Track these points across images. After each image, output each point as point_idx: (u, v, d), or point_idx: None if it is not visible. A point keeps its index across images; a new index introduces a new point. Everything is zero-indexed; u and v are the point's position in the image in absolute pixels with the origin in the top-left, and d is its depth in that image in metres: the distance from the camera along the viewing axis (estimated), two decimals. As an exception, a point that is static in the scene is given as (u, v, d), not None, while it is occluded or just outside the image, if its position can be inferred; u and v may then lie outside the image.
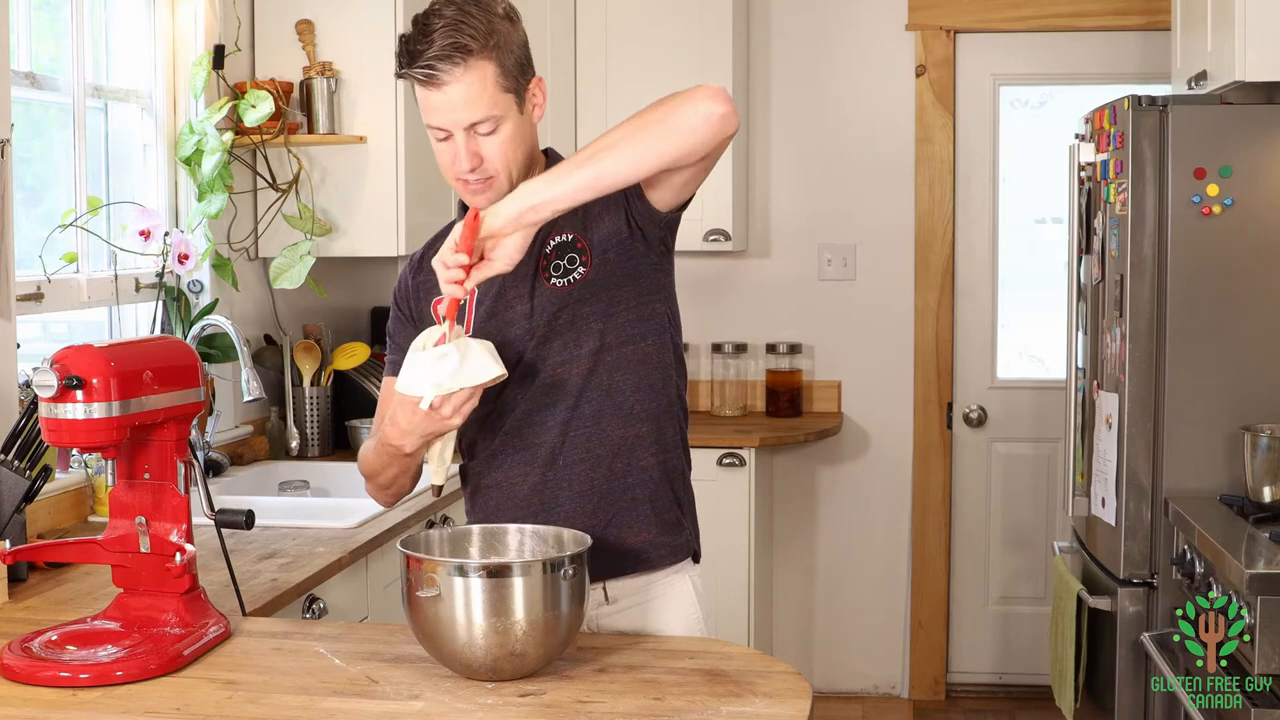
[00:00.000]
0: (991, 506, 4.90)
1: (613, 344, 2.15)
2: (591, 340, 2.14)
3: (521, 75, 2.09)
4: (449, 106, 2.04)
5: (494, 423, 2.19)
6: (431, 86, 2.03)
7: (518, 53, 2.09)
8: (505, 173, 2.09)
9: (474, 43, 2.02)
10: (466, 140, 2.06)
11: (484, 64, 2.03)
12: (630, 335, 2.16)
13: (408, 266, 2.31)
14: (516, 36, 2.09)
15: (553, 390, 2.15)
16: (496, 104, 2.05)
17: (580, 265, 2.14)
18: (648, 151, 1.97)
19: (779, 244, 4.91)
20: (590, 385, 2.14)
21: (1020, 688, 4.89)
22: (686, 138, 1.98)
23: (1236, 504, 3.16)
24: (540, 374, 2.15)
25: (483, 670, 1.88)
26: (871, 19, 4.81)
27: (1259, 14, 3.33)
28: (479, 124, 2.05)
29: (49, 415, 1.99)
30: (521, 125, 2.10)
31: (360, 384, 4.02)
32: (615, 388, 2.15)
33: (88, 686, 1.90)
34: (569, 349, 2.14)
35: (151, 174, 3.57)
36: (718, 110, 1.98)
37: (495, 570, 1.87)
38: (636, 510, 2.17)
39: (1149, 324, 3.35)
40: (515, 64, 2.07)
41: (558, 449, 2.15)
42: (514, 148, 2.09)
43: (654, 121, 1.98)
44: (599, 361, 2.14)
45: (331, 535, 2.88)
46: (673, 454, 2.21)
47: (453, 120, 2.05)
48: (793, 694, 1.85)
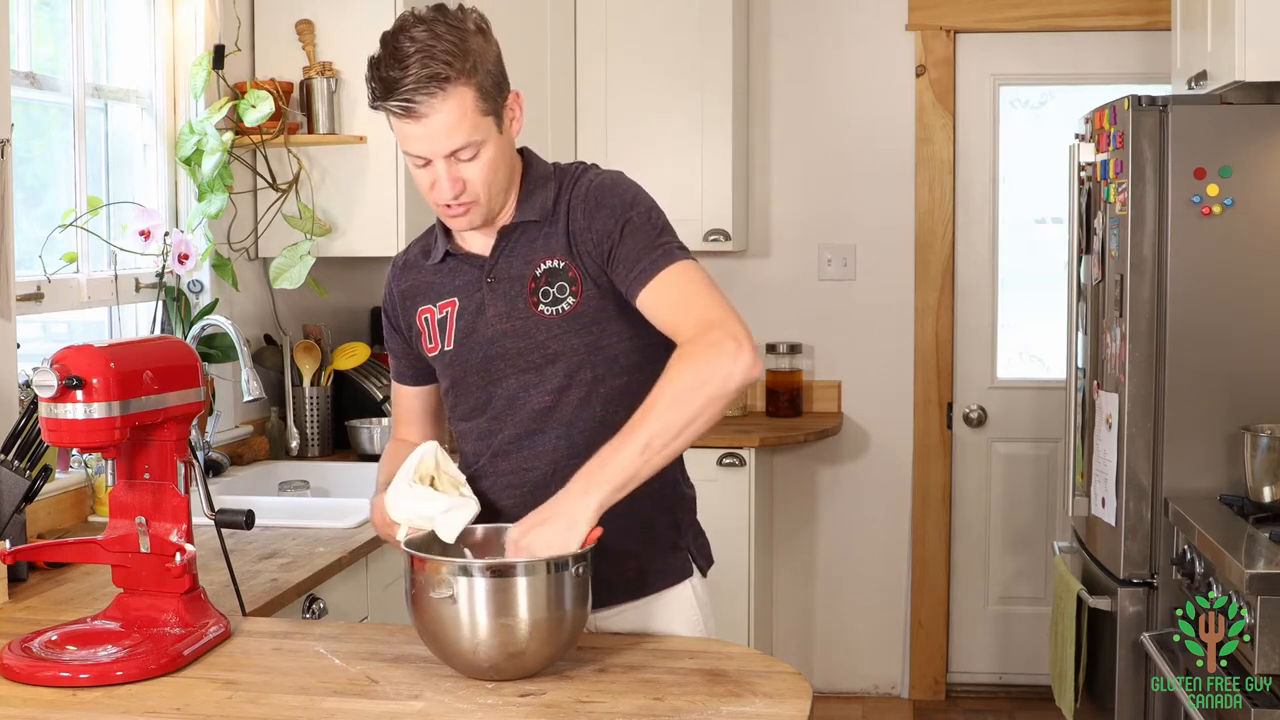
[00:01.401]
0: (991, 506, 4.90)
1: (605, 376, 2.11)
2: (584, 372, 2.10)
3: (499, 94, 2.04)
4: (428, 136, 2.00)
5: (487, 441, 2.17)
6: (409, 119, 1.99)
7: (493, 70, 2.04)
8: (486, 195, 2.07)
9: (449, 69, 1.96)
10: (448, 168, 2.03)
11: (462, 90, 1.98)
12: (624, 366, 2.12)
13: (391, 272, 2.28)
14: (490, 51, 2.04)
15: (543, 418, 2.12)
16: (477, 129, 2.01)
17: (570, 295, 2.09)
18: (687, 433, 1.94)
19: (779, 244, 4.91)
20: (581, 416, 2.11)
21: (1020, 688, 4.89)
22: (720, 407, 1.95)
23: (1236, 504, 3.16)
24: (530, 401, 2.12)
25: (486, 670, 1.88)
26: (871, 19, 4.81)
27: (1259, 14, 3.33)
28: (460, 150, 2.02)
29: (49, 415, 1.99)
30: (501, 145, 2.06)
31: (360, 384, 4.02)
32: (608, 419, 2.08)
33: (88, 686, 1.90)
34: (559, 379, 2.11)
35: (151, 174, 3.57)
36: (750, 378, 1.95)
37: (499, 570, 1.87)
38: (629, 539, 2.10)
39: (1149, 324, 3.35)
40: (492, 84, 2.03)
41: (549, 477, 2.10)
42: (494, 170, 2.06)
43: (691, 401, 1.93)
44: (591, 393, 2.11)
45: (331, 535, 2.88)
46: (669, 482, 2.17)
47: (432, 150, 2.01)
48: (793, 694, 1.85)
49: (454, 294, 2.17)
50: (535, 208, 2.13)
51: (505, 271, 2.13)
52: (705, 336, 1.95)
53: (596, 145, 4.56)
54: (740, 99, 4.68)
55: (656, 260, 2.03)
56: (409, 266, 2.24)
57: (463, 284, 2.16)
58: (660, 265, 2.03)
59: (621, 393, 2.11)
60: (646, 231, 2.06)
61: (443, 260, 2.19)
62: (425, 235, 2.26)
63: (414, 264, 2.24)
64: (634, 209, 2.08)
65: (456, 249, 2.18)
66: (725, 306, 2.00)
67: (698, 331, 1.96)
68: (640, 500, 1.99)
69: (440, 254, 2.18)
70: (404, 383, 2.32)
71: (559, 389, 2.11)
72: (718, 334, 1.95)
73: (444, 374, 2.21)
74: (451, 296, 2.17)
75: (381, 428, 3.85)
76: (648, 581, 2.18)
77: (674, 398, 1.93)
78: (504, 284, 2.12)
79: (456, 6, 2.06)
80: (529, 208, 2.13)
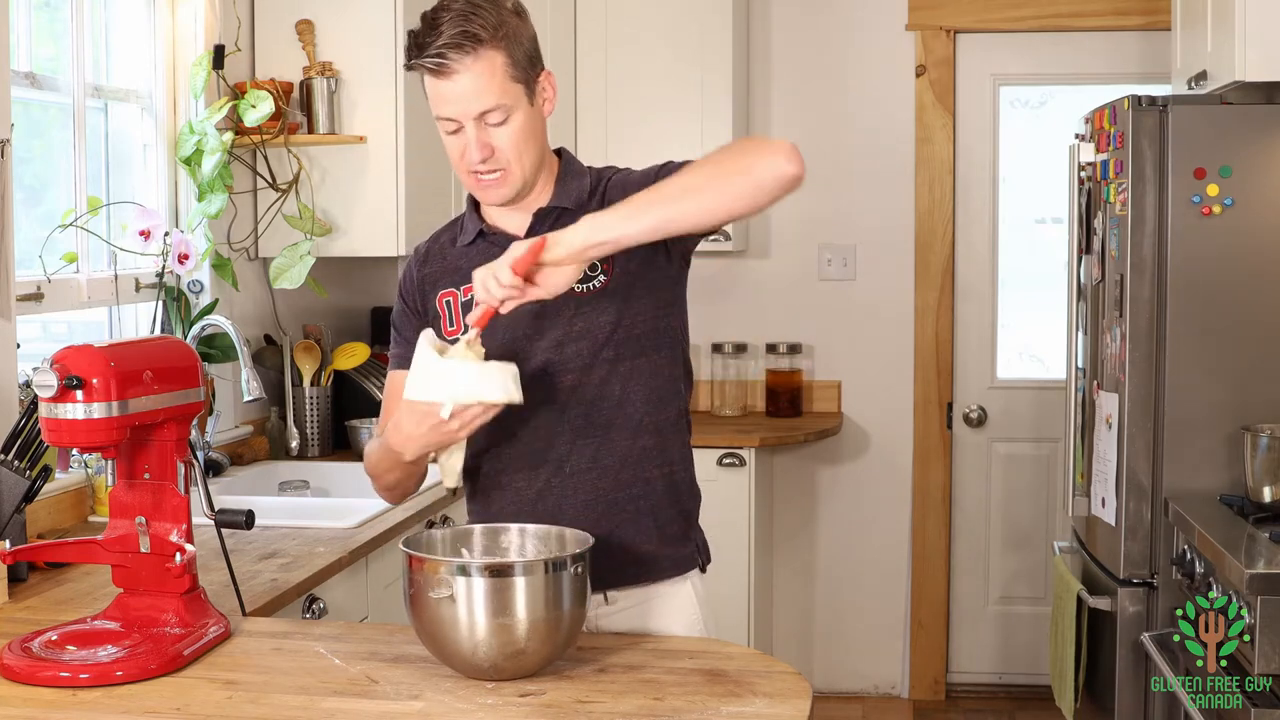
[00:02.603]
0: (991, 506, 4.90)
1: (627, 355, 2.13)
2: (607, 350, 2.12)
3: (531, 67, 2.09)
4: (459, 96, 2.03)
5: (503, 424, 2.17)
6: (441, 76, 2.03)
7: (527, 45, 2.09)
8: (518, 165, 2.09)
9: (484, 32, 2.01)
10: (477, 131, 2.05)
11: (493, 53, 2.02)
12: (645, 347, 2.15)
13: (413, 259, 2.29)
14: (526, 30, 2.09)
15: (564, 396, 2.13)
16: (506, 93, 2.04)
17: (601, 274, 2.12)
18: (721, 201, 1.95)
19: (779, 244, 4.91)
20: (603, 395, 2.13)
21: (1020, 688, 4.89)
22: (758, 195, 1.96)
23: (1236, 504, 3.16)
24: (552, 379, 2.13)
25: (484, 670, 1.88)
26: (871, 19, 4.81)
27: (1259, 14, 3.33)
28: (489, 113, 2.04)
29: (49, 415, 1.99)
30: (532, 117, 2.09)
31: (360, 384, 4.02)
32: (626, 399, 2.13)
33: (88, 686, 1.90)
34: (583, 357, 2.12)
35: (151, 174, 3.57)
36: (792, 172, 1.95)
37: (497, 570, 1.87)
38: (640, 522, 2.15)
39: (1149, 324, 3.35)
40: (525, 55, 2.07)
41: (565, 456, 2.13)
42: (525, 139, 2.08)
43: (731, 171, 1.96)
44: (613, 371, 2.13)
45: (331, 535, 2.88)
46: (679, 467, 2.20)
47: (463, 110, 2.04)
48: (793, 694, 1.85)
49: None
50: (571, 196, 2.16)
51: None
52: (758, 137, 2.00)
53: (596, 143, 4.56)
54: (740, 98, 4.68)
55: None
56: (433, 254, 2.25)
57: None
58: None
59: (641, 373, 2.14)
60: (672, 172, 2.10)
61: (473, 242, 2.19)
62: (451, 225, 2.27)
63: (439, 251, 2.24)
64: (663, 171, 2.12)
65: (490, 227, 2.18)
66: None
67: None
68: (654, 489, 2.07)
69: (472, 234, 2.19)
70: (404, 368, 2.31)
71: (581, 368, 2.12)
72: (772, 140, 2.01)
73: None
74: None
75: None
76: (657, 567, 2.19)
77: (720, 161, 1.97)
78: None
79: None
80: (565, 194, 2.16)
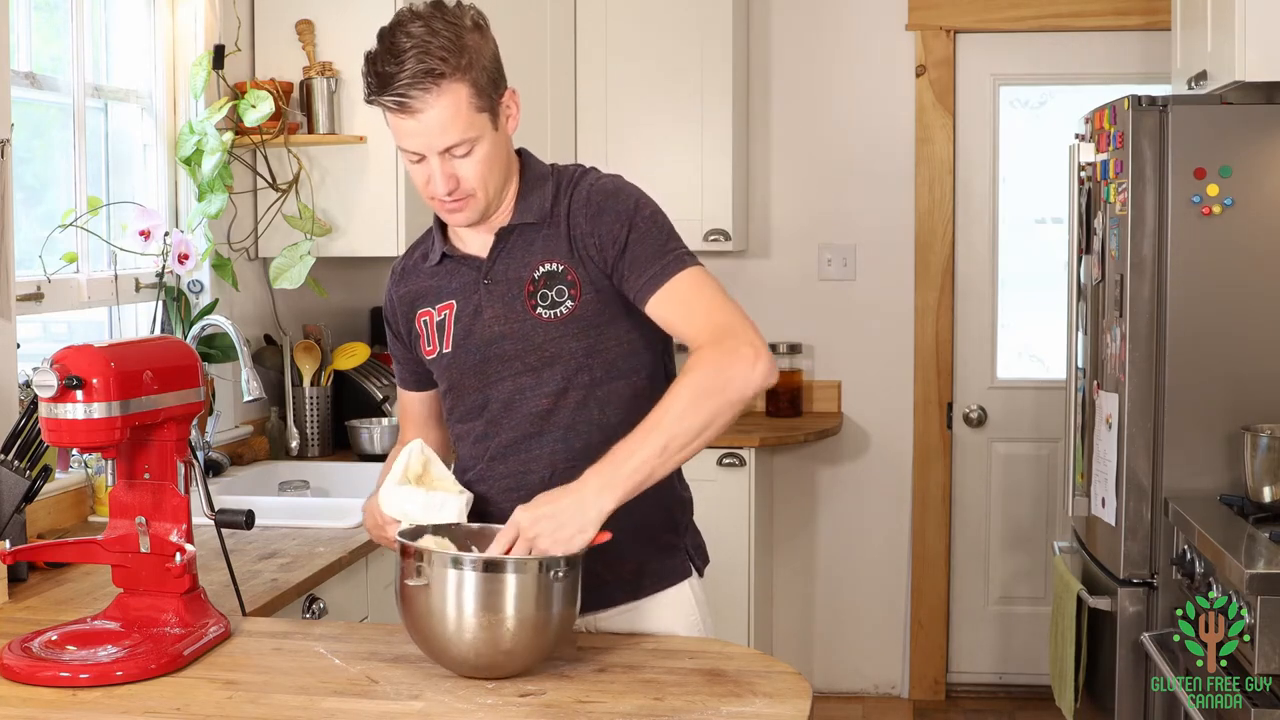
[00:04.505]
0: (991, 506, 4.90)
1: (603, 379, 2.11)
2: (581, 375, 2.10)
3: (494, 91, 2.04)
4: (422, 132, 2.00)
5: (484, 444, 2.17)
6: (404, 114, 1.99)
7: (490, 68, 2.03)
8: (483, 191, 2.07)
9: (444, 65, 1.97)
10: (442, 164, 2.03)
11: (457, 86, 1.98)
12: (622, 370, 2.12)
13: (391, 279, 2.28)
14: (487, 49, 2.04)
15: (540, 421, 2.12)
16: (472, 126, 2.01)
17: (569, 299, 2.09)
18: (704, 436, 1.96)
19: (779, 244, 4.91)
20: (580, 420, 2.11)
21: (1020, 688, 4.89)
22: (735, 413, 1.98)
23: (1236, 504, 3.16)
24: (527, 404, 2.12)
25: (468, 665, 1.88)
26: (871, 19, 4.81)
27: (1259, 14, 3.33)
28: (454, 147, 2.02)
29: (49, 415, 1.99)
30: (497, 142, 2.06)
31: (360, 384, 4.02)
32: (606, 422, 2.10)
33: (88, 686, 1.90)
34: (557, 382, 2.10)
35: (151, 174, 3.57)
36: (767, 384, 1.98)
37: (490, 565, 1.87)
38: (628, 540, 2.06)
39: (1149, 324, 3.35)
40: (488, 81, 2.03)
41: (547, 480, 2.08)
42: (490, 167, 2.06)
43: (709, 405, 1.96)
44: (589, 396, 2.11)
45: (331, 535, 2.88)
46: (667, 485, 2.14)
47: (426, 145, 2.01)
48: (793, 694, 1.85)
49: (451, 296, 2.17)
50: (533, 209, 2.12)
51: (503, 274, 2.12)
52: (723, 343, 1.98)
53: (596, 145, 4.56)
54: (740, 98, 4.68)
55: (667, 267, 2.05)
56: (408, 272, 2.24)
57: (460, 286, 2.16)
58: (671, 271, 2.05)
59: (619, 397, 2.12)
60: (654, 236, 2.07)
61: (440, 262, 2.18)
62: (423, 239, 2.26)
63: (413, 269, 2.24)
64: (639, 213, 2.09)
65: (454, 250, 2.18)
66: (739, 313, 2.03)
67: (714, 338, 1.99)
68: (640, 502, 1.98)
69: (438, 256, 2.18)
70: (407, 388, 2.33)
71: (556, 392, 2.11)
72: (734, 341, 1.98)
73: (441, 376, 2.21)
74: (449, 299, 2.17)
75: (381, 428, 3.84)
76: (645, 583, 2.18)
77: (692, 400, 1.95)
78: (501, 286, 2.12)
79: (455, 3, 2.06)
80: (526, 209, 2.13)
